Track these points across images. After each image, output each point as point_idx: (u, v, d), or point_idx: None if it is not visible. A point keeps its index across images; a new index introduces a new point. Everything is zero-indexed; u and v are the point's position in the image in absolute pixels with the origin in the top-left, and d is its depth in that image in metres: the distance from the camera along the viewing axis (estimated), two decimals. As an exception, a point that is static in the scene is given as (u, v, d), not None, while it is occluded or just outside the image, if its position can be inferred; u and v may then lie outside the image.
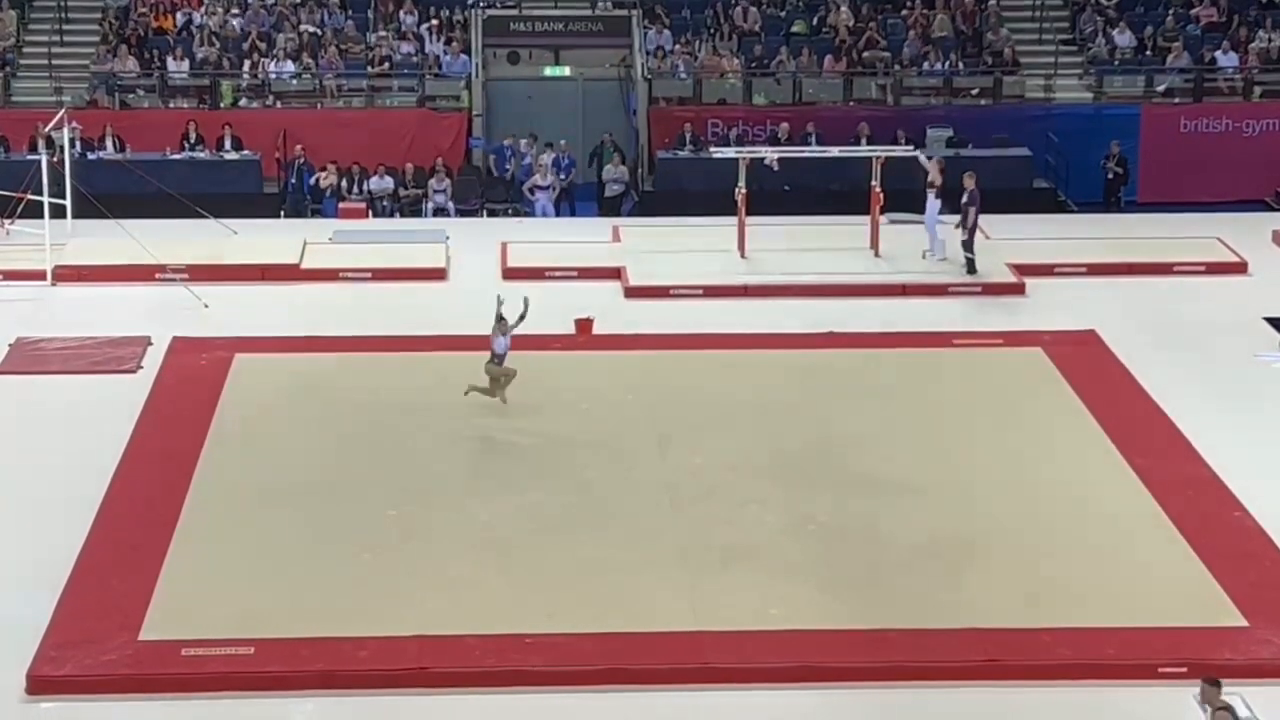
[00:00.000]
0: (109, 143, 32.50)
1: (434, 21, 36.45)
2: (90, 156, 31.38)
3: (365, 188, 32.17)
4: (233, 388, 21.65)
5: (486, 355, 21.95)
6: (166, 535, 17.71)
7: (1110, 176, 33.55)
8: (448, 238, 27.80)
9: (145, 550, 17.37)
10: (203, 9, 36.63)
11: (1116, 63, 36.37)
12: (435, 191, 32.19)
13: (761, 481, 19.11)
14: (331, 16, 36.70)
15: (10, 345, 23.05)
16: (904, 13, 37.15)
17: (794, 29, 36.85)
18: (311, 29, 36.15)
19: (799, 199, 29.93)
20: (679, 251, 26.90)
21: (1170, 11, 37.30)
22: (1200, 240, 27.67)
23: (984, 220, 25.92)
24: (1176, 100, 35.80)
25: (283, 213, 31.65)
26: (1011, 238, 27.33)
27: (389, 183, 32.36)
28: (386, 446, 20.03)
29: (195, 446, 19.87)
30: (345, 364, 22.56)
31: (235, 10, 36.71)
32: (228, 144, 32.88)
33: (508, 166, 33.58)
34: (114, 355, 22.71)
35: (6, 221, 26.58)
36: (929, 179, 26.28)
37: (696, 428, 20.58)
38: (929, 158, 26.65)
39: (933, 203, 26.34)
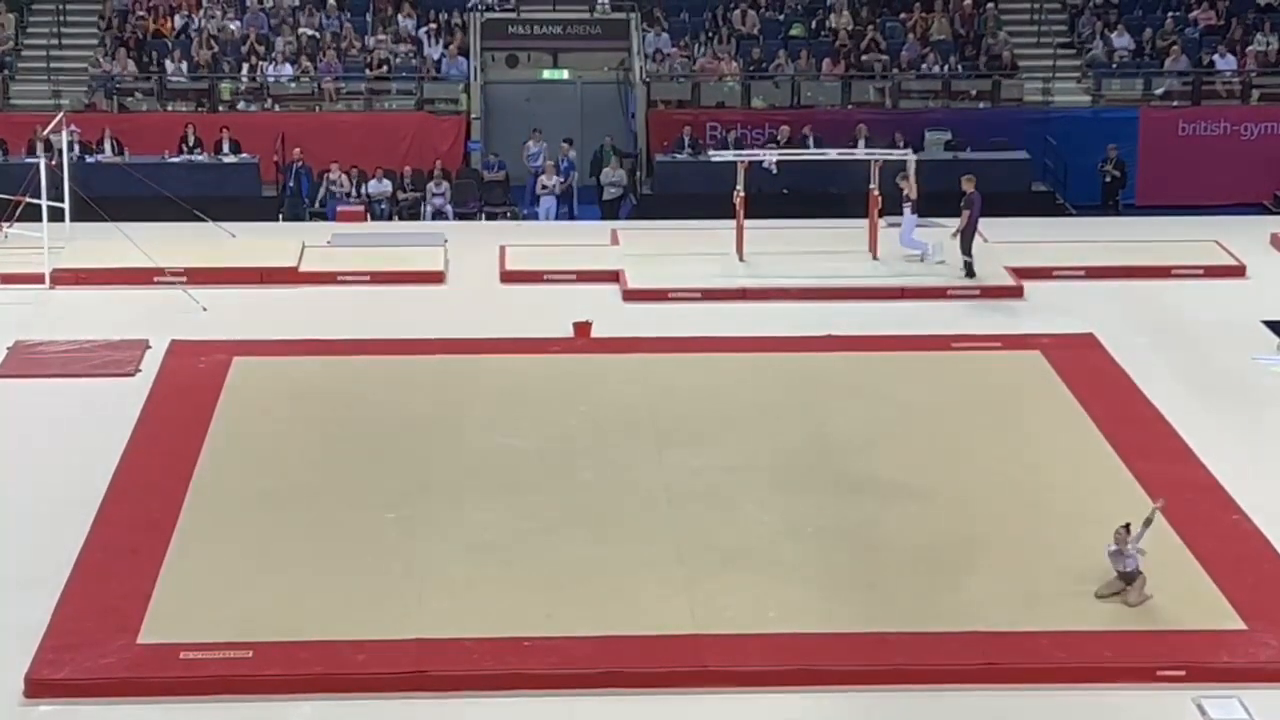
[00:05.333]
0: (107, 146, 32.54)
1: (432, 24, 36.52)
2: (88, 159, 31.41)
3: (364, 191, 32.21)
4: (231, 391, 21.64)
5: (480, 358, 22.01)
6: (165, 538, 17.70)
7: (1108, 180, 33.59)
8: (446, 241, 27.79)
9: (144, 553, 17.36)
10: (201, 12, 36.67)
11: (1115, 66, 36.43)
12: (434, 194, 32.23)
13: (760, 484, 19.11)
14: (330, 19, 36.74)
15: (8, 349, 23.04)
16: (902, 16, 37.22)
17: (792, 32, 36.92)
18: (310, 32, 36.19)
19: (797, 202, 29.94)
20: (677, 254, 26.89)
21: (1168, 14, 37.35)
22: (1198, 243, 27.67)
23: (982, 223, 25.91)
24: (1175, 103, 35.86)
25: (281, 216, 31.67)
26: (1010, 241, 27.32)
27: (387, 186, 32.41)
28: (385, 449, 20.02)
29: (193, 449, 19.86)
30: (343, 367, 22.55)
31: (233, 13, 36.75)
32: (226, 147, 32.92)
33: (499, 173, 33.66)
34: (112, 358, 22.70)
35: (5, 225, 26.56)
36: (904, 193, 26.22)
37: (695, 430, 20.58)
38: (904, 176, 26.42)
39: (909, 217, 26.29)
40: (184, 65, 35.29)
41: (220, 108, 34.93)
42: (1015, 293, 25.77)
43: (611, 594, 16.69)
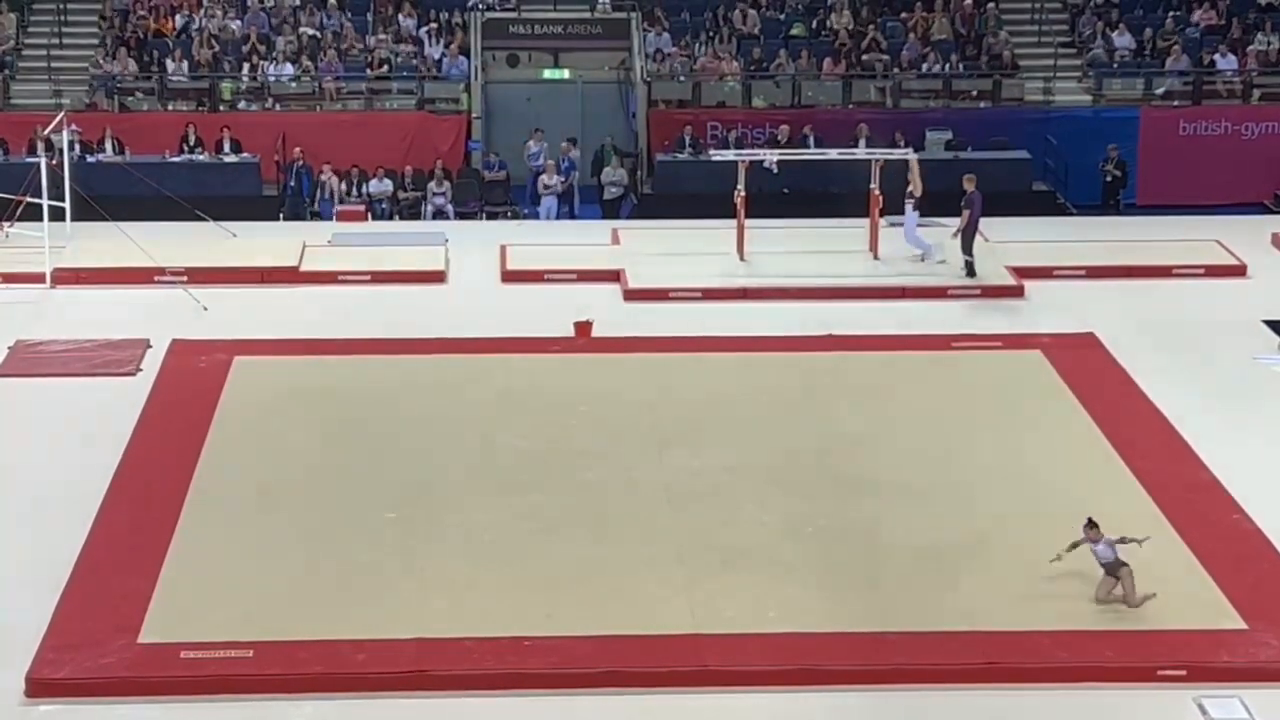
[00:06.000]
0: (108, 145, 32.53)
1: (433, 24, 36.50)
2: (89, 159, 31.40)
3: (364, 190, 32.20)
4: (232, 390, 21.65)
5: (481, 358, 22.04)
6: (165, 538, 17.71)
7: (1109, 179, 33.58)
8: (447, 240, 27.81)
9: (144, 553, 17.37)
10: (202, 11, 36.67)
11: (1115, 65, 36.42)
12: (434, 194, 32.22)
13: (760, 483, 19.11)
14: (331, 19, 36.74)
15: (9, 348, 23.05)
16: (903, 15, 37.20)
17: (793, 31, 36.91)
18: (311, 31, 36.19)
19: (798, 201, 29.94)
20: (678, 254, 26.89)
21: (1169, 14, 37.34)
22: (1199, 243, 27.67)
23: (983, 223, 25.90)
24: (1175, 103, 35.84)
25: (282, 215, 31.67)
26: (1011, 240, 27.33)
27: (388, 185, 32.40)
28: (385, 449, 20.02)
29: (194, 449, 19.87)
30: (344, 367, 22.55)
31: (234, 13, 36.76)
32: (227, 146, 32.92)
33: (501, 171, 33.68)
34: (113, 358, 22.71)
35: (6, 224, 26.58)
36: (909, 189, 26.20)
37: (695, 430, 20.58)
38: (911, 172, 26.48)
39: (910, 213, 26.30)
40: (185, 65, 35.28)
41: (221, 107, 34.92)
42: (1016, 292, 25.77)
43: (611, 594, 16.69)
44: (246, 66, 35.35)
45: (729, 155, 27.92)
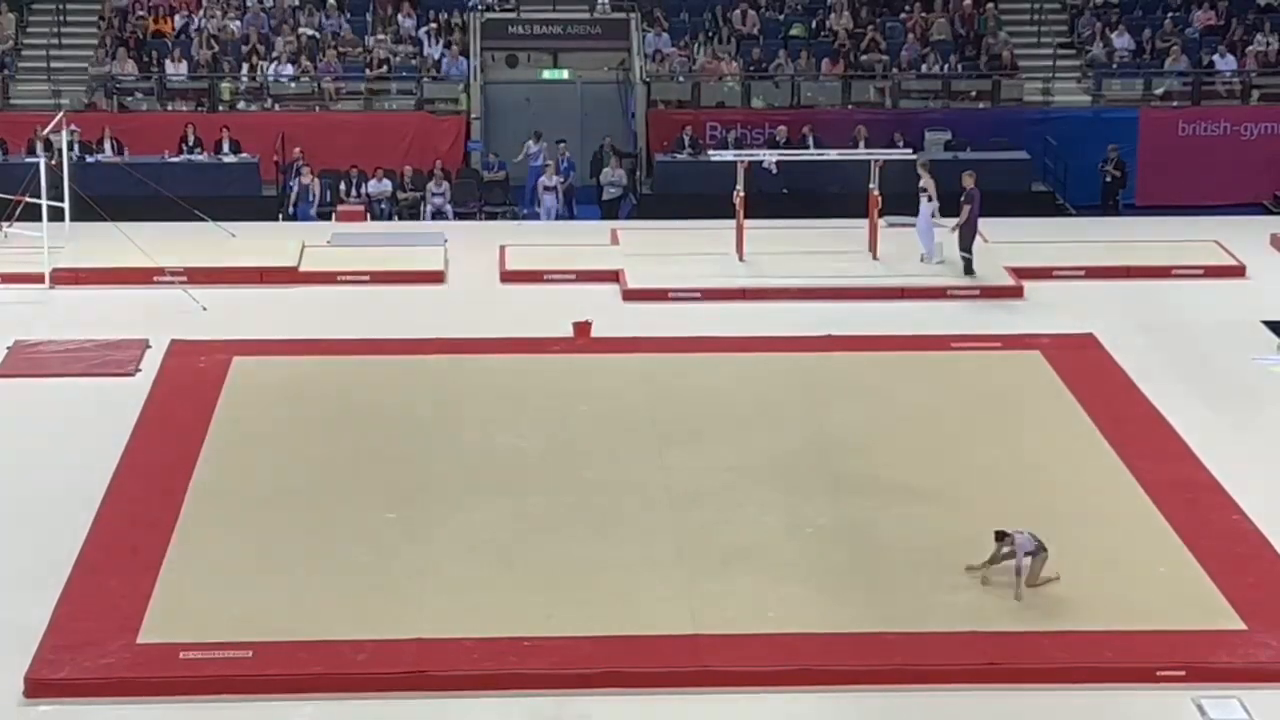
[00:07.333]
0: (107, 145, 32.54)
1: (432, 24, 36.50)
2: (88, 159, 31.39)
3: (364, 190, 32.20)
4: (231, 391, 21.65)
5: (481, 358, 22.08)
6: (165, 538, 17.71)
7: (1108, 180, 33.59)
8: (446, 240, 27.81)
9: (144, 553, 17.37)
10: (201, 12, 36.67)
11: (1115, 66, 36.43)
12: (434, 194, 32.21)
13: (760, 484, 19.11)
14: (330, 19, 36.74)
15: (9, 348, 23.04)
16: (902, 16, 37.21)
17: (792, 32, 36.91)
18: (310, 32, 36.18)
19: (797, 202, 29.93)
20: (677, 254, 26.90)
21: (1168, 15, 37.35)
22: (1198, 243, 27.68)
23: (982, 223, 25.92)
24: (1175, 104, 35.85)
25: (281, 215, 31.66)
26: (1010, 240, 27.33)
27: (387, 185, 32.39)
28: (385, 449, 20.02)
29: (193, 449, 19.87)
30: (343, 367, 22.55)
31: (234, 13, 36.76)
32: (226, 147, 32.91)
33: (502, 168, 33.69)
34: (112, 358, 22.70)
35: (5, 224, 26.58)
36: (920, 184, 26.25)
37: (695, 430, 20.58)
38: (923, 164, 26.57)
39: (925, 208, 26.33)
40: (184, 65, 35.28)
41: (220, 107, 34.93)
42: (1015, 293, 25.78)
43: (611, 594, 16.69)
44: (246, 67, 35.35)
45: (728, 156, 27.92)
